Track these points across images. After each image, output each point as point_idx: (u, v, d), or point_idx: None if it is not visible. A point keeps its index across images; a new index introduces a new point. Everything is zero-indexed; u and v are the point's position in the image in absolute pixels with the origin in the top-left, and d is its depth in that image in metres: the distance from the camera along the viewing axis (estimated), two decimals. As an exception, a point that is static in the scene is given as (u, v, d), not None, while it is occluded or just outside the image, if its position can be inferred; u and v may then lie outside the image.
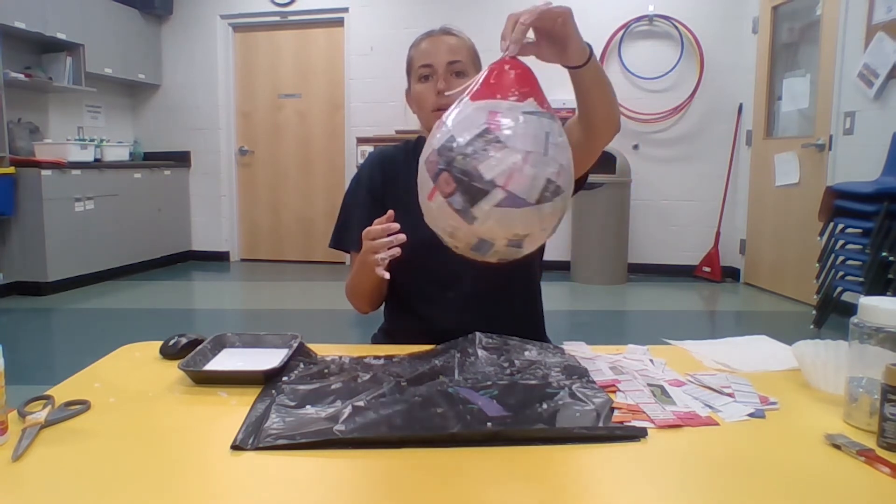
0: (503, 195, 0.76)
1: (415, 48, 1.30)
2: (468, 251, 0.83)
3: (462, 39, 1.28)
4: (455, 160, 0.77)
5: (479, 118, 0.78)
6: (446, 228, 0.81)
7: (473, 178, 0.76)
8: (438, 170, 0.78)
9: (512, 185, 0.75)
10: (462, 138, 0.77)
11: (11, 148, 4.47)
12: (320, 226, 5.96)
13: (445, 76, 1.23)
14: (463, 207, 0.77)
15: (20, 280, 4.44)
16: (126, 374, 1.03)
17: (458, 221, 0.78)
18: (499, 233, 0.78)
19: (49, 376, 2.84)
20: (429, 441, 0.77)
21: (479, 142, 0.76)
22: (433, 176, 0.79)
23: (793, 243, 4.38)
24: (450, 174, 0.77)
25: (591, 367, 1.02)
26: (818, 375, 0.95)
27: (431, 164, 0.80)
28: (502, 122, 0.77)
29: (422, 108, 1.27)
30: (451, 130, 0.79)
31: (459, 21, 5.51)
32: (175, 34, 5.94)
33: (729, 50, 5.05)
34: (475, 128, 0.77)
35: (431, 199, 0.80)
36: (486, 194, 0.76)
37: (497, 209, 0.76)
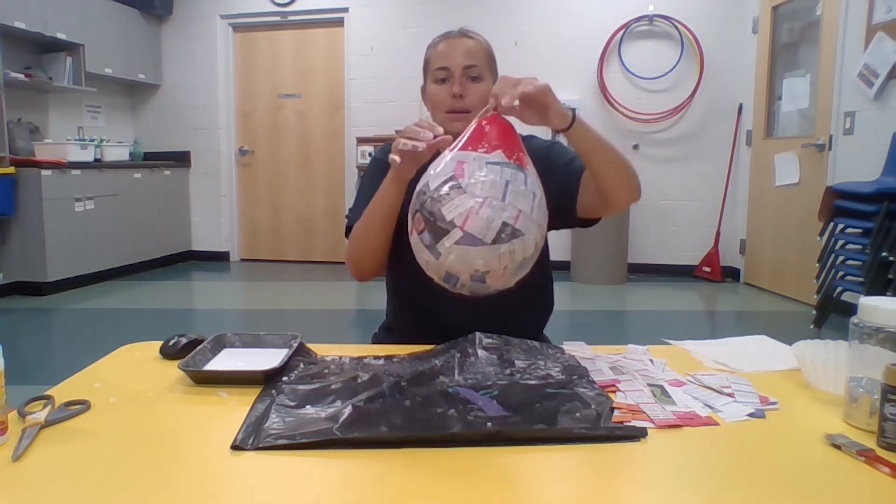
0: (460, 234, 0.86)
1: (432, 49, 1.30)
2: (441, 282, 0.93)
3: (479, 42, 1.28)
4: (426, 202, 0.89)
5: (450, 168, 0.89)
6: (421, 261, 0.93)
7: (437, 219, 0.87)
8: (415, 210, 0.91)
9: (468, 226, 0.85)
10: (433, 184, 0.89)
11: (11, 148, 4.47)
12: (320, 226, 5.96)
13: (461, 80, 1.25)
14: (430, 243, 0.89)
15: (20, 280, 4.44)
16: (126, 374, 1.03)
17: (429, 256, 0.90)
18: (461, 268, 0.88)
19: (49, 376, 2.84)
20: (429, 441, 0.77)
21: (444, 187, 0.87)
22: (412, 214, 0.92)
23: (793, 243, 4.38)
24: (421, 214, 0.89)
25: (591, 367, 1.02)
26: (818, 375, 0.95)
27: (412, 204, 0.92)
28: (466, 171, 0.88)
29: (436, 109, 1.29)
30: (428, 178, 0.90)
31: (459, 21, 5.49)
32: (175, 34, 5.94)
33: (729, 50, 5.05)
34: (444, 175, 0.88)
35: (411, 234, 0.93)
36: (446, 233, 0.87)
37: (456, 246, 0.87)
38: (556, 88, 1.03)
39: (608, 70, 5.22)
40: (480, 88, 1.25)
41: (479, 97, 1.25)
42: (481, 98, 1.25)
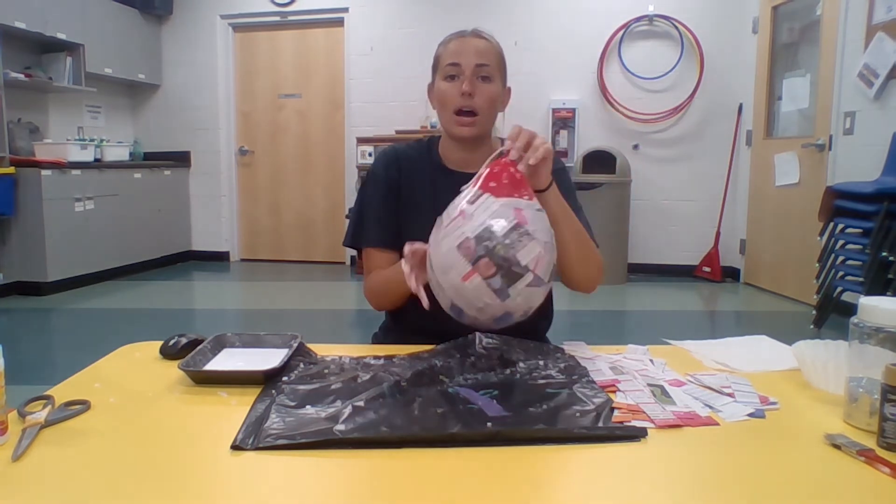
0: (532, 277, 0.91)
1: (443, 46, 1.28)
2: (490, 322, 0.95)
3: (492, 44, 1.27)
4: (496, 248, 0.89)
5: (510, 214, 0.92)
6: (477, 304, 0.92)
7: (512, 264, 0.90)
8: (478, 255, 0.90)
9: (538, 269, 0.92)
10: (499, 230, 0.90)
11: (11, 148, 4.47)
12: (320, 226, 5.96)
13: (472, 79, 1.23)
14: (501, 287, 0.90)
15: (20, 280, 4.44)
16: (126, 374, 1.03)
17: (493, 299, 0.91)
18: (522, 307, 0.94)
19: (49, 376, 2.84)
20: (429, 441, 0.77)
21: (514, 234, 0.90)
22: (472, 260, 0.90)
23: (793, 243, 4.38)
24: (490, 260, 0.89)
25: (591, 367, 1.02)
26: (818, 375, 0.95)
27: (468, 249, 0.91)
28: (527, 218, 0.93)
29: (444, 106, 1.26)
30: (486, 223, 0.91)
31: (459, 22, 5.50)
32: (175, 34, 5.94)
33: (729, 50, 5.05)
34: (507, 221, 0.91)
35: (467, 280, 0.91)
36: (520, 277, 0.91)
37: (527, 288, 0.92)
38: (556, 88, 1.05)
39: (608, 70, 5.22)
40: (490, 89, 1.24)
41: (488, 98, 1.24)
42: (490, 99, 1.24)
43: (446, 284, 0.94)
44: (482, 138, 1.29)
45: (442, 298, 0.97)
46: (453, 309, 0.97)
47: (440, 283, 0.96)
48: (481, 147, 1.30)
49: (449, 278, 0.93)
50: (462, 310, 0.95)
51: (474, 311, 0.93)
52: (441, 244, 0.95)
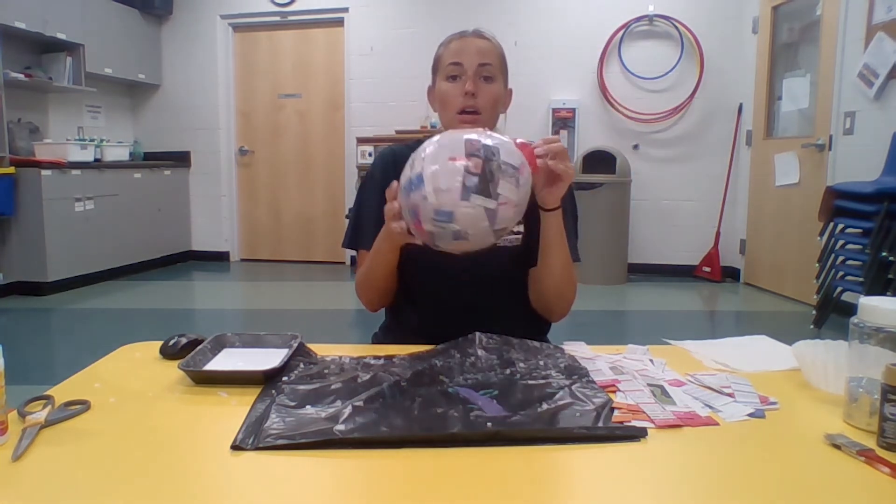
0: (493, 207, 0.93)
1: (444, 47, 1.27)
2: (430, 216, 0.94)
3: (493, 44, 1.26)
4: (493, 162, 0.93)
5: (518, 159, 0.96)
6: (441, 185, 0.93)
7: (492, 184, 0.92)
8: (476, 154, 0.93)
9: (500, 211, 0.94)
10: (505, 157, 0.94)
11: (11, 148, 4.47)
12: (320, 226, 5.96)
13: (474, 78, 1.21)
14: (470, 187, 0.92)
15: (20, 280, 4.44)
16: (126, 374, 1.03)
17: (456, 190, 0.92)
18: (464, 222, 0.93)
19: (49, 376, 2.84)
20: (429, 441, 0.77)
21: (510, 170, 0.94)
22: (470, 152, 0.93)
23: (793, 243, 4.38)
24: (483, 164, 0.92)
25: (591, 367, 1.02)
26: (818, 375, 0.95)
27: (474, 145, 0.94)
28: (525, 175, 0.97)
29: (445, 107, 1.25)
30: (497, 144, 0.95)
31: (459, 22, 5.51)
32: (175, 34, 5.94)
33: (729, 50, 5.05)
34: (513, 161, 0.95)
35: (454, 160, 0.93)
36: (487, 197, 0.92)
37: (482, 210, 0.92)
38: (556, 88, 1.05)
39: (608, 70, 5.22)
40: (492, 89, 1.23)
41: (491, 98, 1.23)
42: (493, 99, 1.23)
43: (429, 155, 0.95)
44: None
45: (413, 167, 0.97)
46: (409, 181, 0.96)
47: (423, 157, 0.96)
48: None
49: (436, 152, 0.95)
50: (420, 179, 0.94)
51: (429, 186, 0.93)
52: (453, 135, 0.98)
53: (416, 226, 0.97)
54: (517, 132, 1.49)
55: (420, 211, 0.94)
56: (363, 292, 1.30)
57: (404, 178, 0.98)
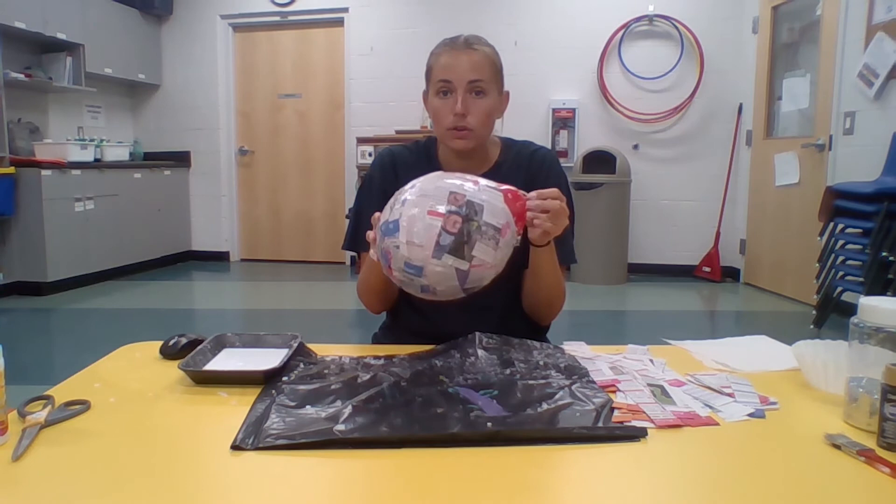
0: (464, 270, 0.92)
1: (435, 58, 1.24)
2: (397, 265, 0.94)
3: (485, 54, 1.22)
4: (472, 223, 0.91)
5: (502, 219, 0.94)
6: (415, 239, 0.91)
7: (467, 245, 0.91)
8: (457, 212, 0.91)
9: (472, 274, 0.93)
10: (487, 218, 0.92)
11: (11, 148, 4.47)
12: (320, 226, 5.96)
13: (464, 96, 1.19)
14: (443, 246, 0.90)
15: (20, 280, 4.44)
16: (126, 374, 1.03)
17: (429, 246, 0.91)
18: (433, 278, 0.93)
19: (49, 376, 2.84)
20: (429, 441, 0.77)
21: (490, 232, 0.92)
22: (450, 208, 0.91)
23: (793, 243, 4.38)
24: (461, 224, 0.91)
25: (591, 367, 1.02)
26: (818, 375, 0.95)
27: (456, 200, 0.92)
28: (506, 237, 0.95)
29: (437, 122, 1.24)
30: (483, 202, 0.93)
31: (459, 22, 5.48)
32: (175, 34, 5.94)
33: (729, 50, 5.05)
34: (496, 221, 0.93)
35: (431, 214, 0.91)
36: (461, 259, 0.91)
37: (452, 270, 0.92)
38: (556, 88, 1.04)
39: (608, 70, 5.22)
40: (484, 104, 1.21)
41: (483, 114, 1.21)
42: (485, 114, 1.21)
43: (408, 203, 0.93)
44: (478, 148, 1.27)
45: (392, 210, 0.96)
46: (387, 225, 0.94)
47: (405, 200, 0.94)
48: (478, 154, 1.29)
49: (416, 200, 0.93)
50: (396, 226, 0.93)
51: (404, 237, 0.92)
52: (438, 179, 0.96)
53: (386, 269, 0.97)
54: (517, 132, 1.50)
55: (391, 258, 0.94)
56: (365, 296, 1.30)
57: (383, 218, 0.96)
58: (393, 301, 1.33)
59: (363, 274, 1.29)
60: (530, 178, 1.25)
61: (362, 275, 1.29)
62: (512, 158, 1.30)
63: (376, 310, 1.33)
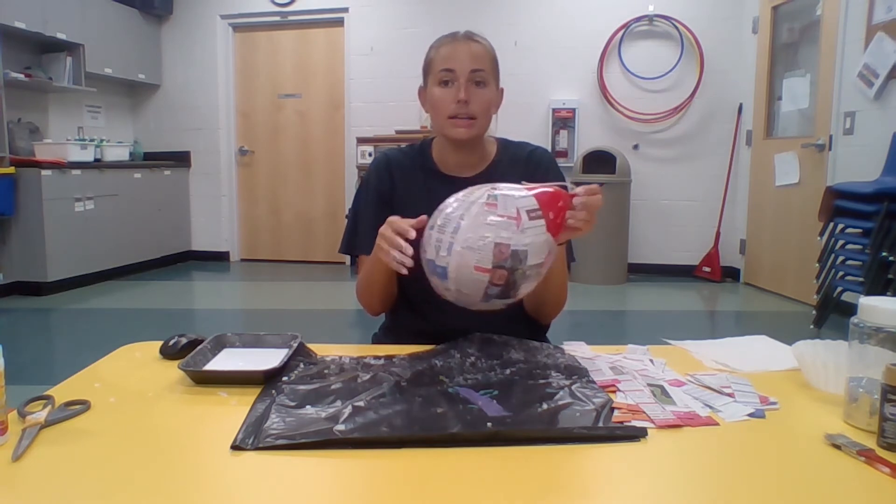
0: (510, 303, 0.98)
1: (435, 50, 1.26)
2: (451, 299, 1.00)
3: (485, 47, 1.25)
4: (517, 272, 0.94)
5: (543, 252, 0.96)
6: (463, 288, 0.96)
7: (514, 290, 0.96)
8: (503, 265, 0.93)
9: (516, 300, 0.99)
10: (531, 261, 0.95)
11: (11, 148, 4.47)
12: (320, 226, 5.96)
13: (467, 85, 1.21)
14: (492, 295, 0.95)
15: (20, 280, 4.44)
16: (126, 374, 1.03)
17: (478, 296, 0.96)
18: (483, 309, 1.00)
19: (49, 376, 2.84)
20: (429, 441, 0.77)
21: (533, 270, 0.95)
22: (496, 263, 0.93)
23: (793, 243, 4.38)
24: (507, 276, 0.94)
25: (591, 367, 1.02)
26: (818, 375, 0.95)
27: (502, 254, 0.93)
28: (547, 264, 0.98)
29: (437, 112, 1.24)
30: (527, 247, 0.94)
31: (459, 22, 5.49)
32: (175, 34, 5.94)
33: (729, 50, 5.05)
34: (538, 259, 0.95)
35: (478, 271, 0.94)
36: (508, 299, 0.97)
37: (499, 307, 0.99)
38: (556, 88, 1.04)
39: (608, 70, 5.22)
40: (485, 94, 1.22)
41: (484, 103, 1.22)
42: (486, 104, 1.23)
43: (455, 253, 0.94)
44: (477, 140, 1.28)
45: (439, 254, 0.96)
46: (436, 266, 0.97)
47: (450, 245, 0.95)
48: (477, 149, 1.29)
49: (462, 252, 0.94)
50: (445, 274, 0.95)
51: (453, 285, 0.96)
52: (482, 222, 0.94)
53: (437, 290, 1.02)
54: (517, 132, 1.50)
55: (440, 291, 1.01)
56: (364, 298, 1.31)
57: (429, 252, 0.98)
58: (392, 302, 1.33)
59: (362, 276, 1.29)
60: (528, 178, 1.25)
61: (361, 277, 1.29)
62: (509, 158, 1.31)
63: (376, 311, 1.33)
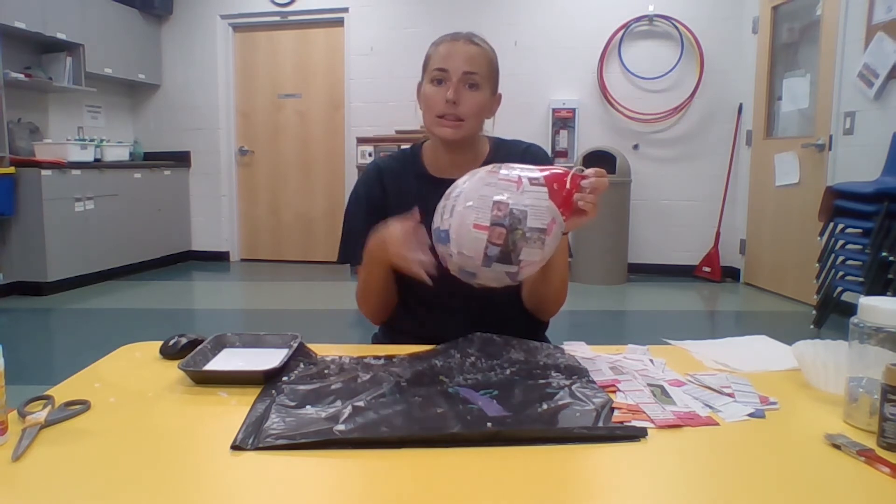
0: (514, 272, 0.97)
1: (434, 48, 1.26)
2: (453, 266, 1.01)
3: (484, 50, 1.24)
4: (516, 232, 0.95)
5: (546, 217, 0.96)
6: (464, 249, 0.97)
7: (514, 252, 0.95)
8: (501, 223, 0.95)
9: (522, 271, 0.98)
10: (531, 223, 0.95)
11: (11, 148, 4.47)
12: (320, 226, 5.96)
13: (458, 86, 1.20)
14: (492, 256, 0.95)
15: (20, 280, 4.44)
16: (126, 374, 1.03)
17: (477, 257, 0.96)
18: (485, 281, 1.00)
19: (49, 376, 2.84)
20: (429, 441, 0.77)
21: (535, 234, 0.96)
22: (494, 221, 0.95)
23: (793, 243, 4.38)
24: (506, 236, 0.95)
25: (591, 367, 1.02)
26: (818, 375, 0.95)
27: (500, 212, 0.94)
28: (552, 231, 0.97)
29: (428, 109, 1.24)
30: (526, 207, 0.95)
31: (459, 22, 5.49)
32: (175, 34, 5.94)
33: (729, 50, 5.05)
34: (540, 223, 0.96)
35: (476, 228, 0.95)
36: (509, 263, 0.96)
37: (503, 275, 0.98)
38: (556, 88, 1.04)
39: (608, 70, 5.22)
40: (476, 98, 1.21)
41: (473, 106, 1.21)
42: (475, 107, 1.22)
43: (457, 213, 0.98)
44: (468, 141, 1.27)
45: (443, 217, 1.00)
46: (440, 232, 1.00)
47: (453, 207, 0.99)
48: (468, 151, 1.28)
49: (463, 212, 0.97)
50: (448, 237, 0.98)
51: (455, 248, 0.98)
52: (482, 184, 0.98)
53: (446, 265, 1.03)
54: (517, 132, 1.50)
55: (447, 262, 1.02)
56: (364, 305, 1.31)
57: (436, 222, 1.02)
58: (392, 309, 1.33)
59: (360, 285, 1.29)
60: None
61: (360, 284, 1.29)
62: (503, 156, 1.30)
63: (377, 318, 1.34)
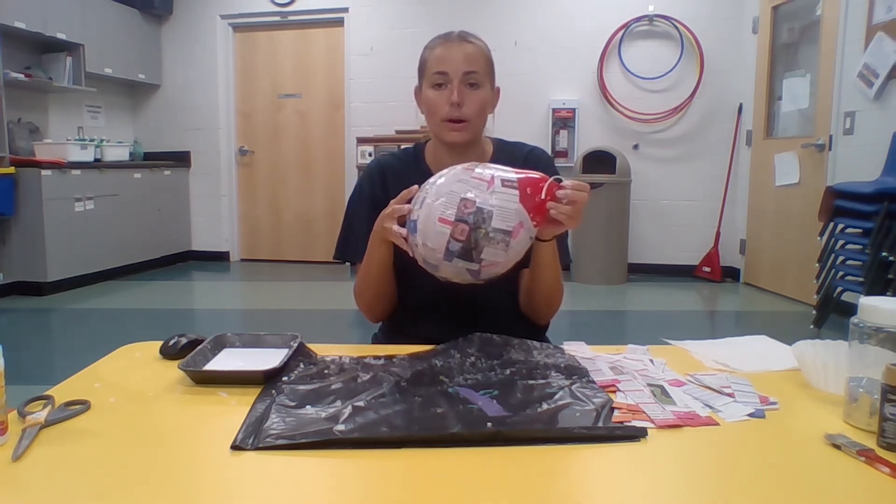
0: (475, 270, 0.98)
1: (429, 51, 1.25)
2: (419, 257, 1.03)
3: (479, 48, 1.24)
4: (479, 231, 0.96)
5: (513, 220, 0.97)
6: (428, 241, 0.99)
7: (475, 250, 0.96)
8: (465, 220, 0.96)
9: (484, 272, 0.99)
10: (497, 222, 0.96)
11: (11, 148, 4.47)
12: (320, 226, 5.96)
13: (460, 87, 1.20)
14: (453, 252, 0.97)
15: (20, 280, 4.44)
16: (126, 374, 1.03)
17: (439, 250, 0.98)
18: (447, 275, 1.02)
19: (49, 376, 2.84)
20: (429, 441, 0.77)
21: (500, 235, 0.96)
22: (459, 217, 0.96)
23: (793, 243, 4.38)
24: (468, 233, 0.96)
25: (591, 367, 1.02)
26: (818, 375, 0.95)
27: (465, 209, 0.96)
28: (518, 236, 0.98)
29: (432, 114, 1.24)
30: (493, 207, 0.96)
31: (459, 21, 5.49)
32: (175, 34, 5.94)
33: (729, 50, 5.05)
34: (506, 224, 0.96)
35: (441, 222, 0.97)
36: (470, 261, 0.97)
37: (464, 271, 0.99)
38: (555, 88, 1.05)
39: (608, 70, 5.22)
40: (479, 96, 1.22)
41: (478, 105, 1.22)
42: (479, 105, 1.22)
43: (426, 205, 1.00)
44: (473, 142, 1.27)
45: (414, 208, 1.03)
46: (410, 221, 1.03)
47: (423, 199, 1.01)
48: (472, 151, 1.28)
49: (431, 204, 0.99)
50: (416, 227, 1.01)
51: (420, 238, 1.00)
52: (455, 180, 1.00)
53: (414, 255, 1.04)
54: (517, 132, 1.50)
55: (414, 252, 1.04)
56: (361, 300, 1.31)
57: (412, 212, 1.03)
58: (391, 308, 1.33)
59: (358, 281, 1.29)
60: None
61: (359, 276, 1.28)
62: (506, 158, 1.30)
63: (375, 314, 1.33)
